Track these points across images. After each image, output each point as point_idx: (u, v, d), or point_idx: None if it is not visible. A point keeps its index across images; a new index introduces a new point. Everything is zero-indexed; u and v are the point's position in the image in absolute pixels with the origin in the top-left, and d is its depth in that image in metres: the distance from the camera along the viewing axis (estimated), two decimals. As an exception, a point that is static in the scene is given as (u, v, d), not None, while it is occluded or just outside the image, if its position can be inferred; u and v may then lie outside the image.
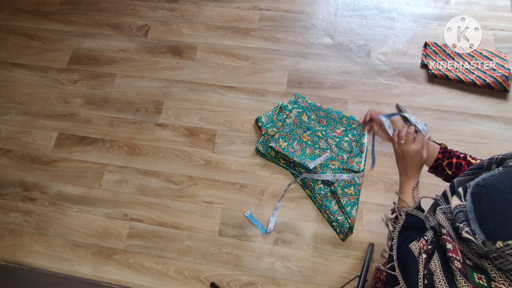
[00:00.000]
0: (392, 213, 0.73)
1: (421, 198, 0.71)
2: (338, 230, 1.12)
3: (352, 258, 1.10)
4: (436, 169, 0.75)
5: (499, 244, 0.43)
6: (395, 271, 0.60)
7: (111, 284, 1.11)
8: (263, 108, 1.34)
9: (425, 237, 0.61)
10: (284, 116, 1.29)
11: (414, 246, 0.59)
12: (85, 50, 1.51)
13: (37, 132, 1.36)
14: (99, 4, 1.62)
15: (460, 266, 0.50)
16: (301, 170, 1.21)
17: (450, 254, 0.52)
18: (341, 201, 1.15)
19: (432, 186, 1.17)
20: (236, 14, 1.54)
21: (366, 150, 1.23)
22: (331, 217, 1.14)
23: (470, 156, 0.72)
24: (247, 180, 1.23)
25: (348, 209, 1.13)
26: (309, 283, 1.08)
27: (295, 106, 1.29)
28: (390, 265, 0.62)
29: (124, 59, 1.48)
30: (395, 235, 0.65)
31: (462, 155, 0.73)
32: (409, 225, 0.67)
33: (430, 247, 0.57)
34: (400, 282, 0.58)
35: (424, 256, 0.56)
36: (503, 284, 0.47)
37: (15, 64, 1.51)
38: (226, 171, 1.25)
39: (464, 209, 0.51)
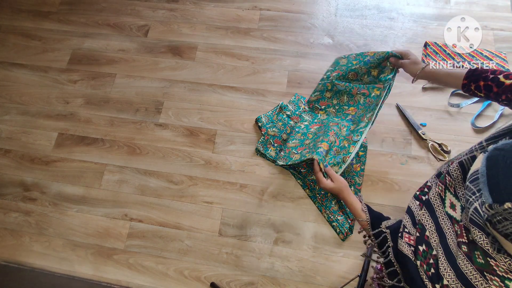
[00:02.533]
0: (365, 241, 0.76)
1: (365, 207, 0.76)
2: (338, 230, 1.12)
3: (352, 258, 1.10)
4: (468, 92, 0.76)
5: (508, 205, 0.42)
6: (398, 274, 0.62)
7: (111, 284, 1.11)
8: (263, 108, 1.34)
9: (406, 230, 0.62)
10: (284, 116, 1.29)
11: (403, 247, 0.61)
12: (85, 50, 1.51)
13: (37, 132, 1.36)
14: (99, 4, 1.62)
15: (466, 250, 0.51)
16: (301, 170, 1.21)
17: (459, 239, 0.52)
18: (341, 201, 1.15)
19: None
20: (236, 14, 1.54)
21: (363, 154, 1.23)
22: (331, 217, 1.14)
23: (503, 75, 0.68)
24: (247, 180, 1.23)
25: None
26: (309, 283, 1.08)
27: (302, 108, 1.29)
28: (390, 269, 0.63)
29: (124, 59, 1.48)
30: (389, 249, 0.66)
31: (490, 76, 0.70)
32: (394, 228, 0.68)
33: (434, 240, 0.58)
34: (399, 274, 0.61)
35: (423, 248, 0.57)
36: (499, 259, 0.47)
37: (15, 64, 1.51)
38: (226, 171, 1.25)
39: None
